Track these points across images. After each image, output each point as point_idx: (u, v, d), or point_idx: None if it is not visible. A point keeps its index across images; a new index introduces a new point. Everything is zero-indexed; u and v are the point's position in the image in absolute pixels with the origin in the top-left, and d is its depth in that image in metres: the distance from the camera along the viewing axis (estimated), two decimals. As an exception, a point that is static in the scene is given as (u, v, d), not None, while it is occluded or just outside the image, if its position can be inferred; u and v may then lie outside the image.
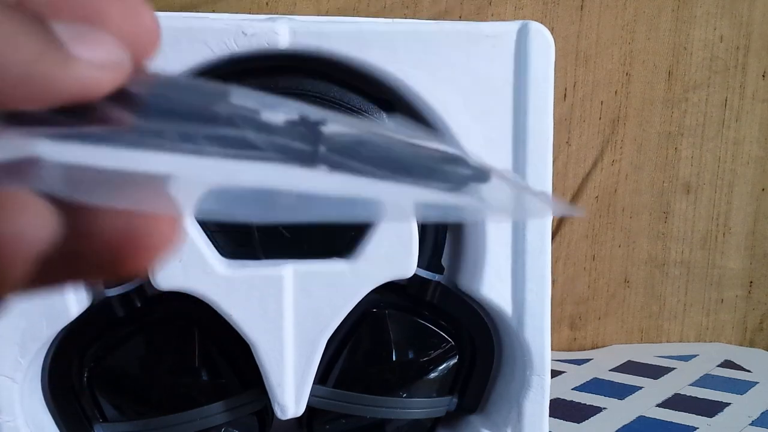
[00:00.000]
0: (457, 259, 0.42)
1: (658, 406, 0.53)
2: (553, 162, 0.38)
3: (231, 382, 0.39)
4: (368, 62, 0.36)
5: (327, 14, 0.61)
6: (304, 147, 0.14)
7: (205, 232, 0.37)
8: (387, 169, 0.15)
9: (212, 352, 0.39)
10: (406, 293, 0.40)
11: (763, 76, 0.67)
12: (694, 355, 0.65)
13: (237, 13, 0.38)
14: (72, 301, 0.36)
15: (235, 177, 0.14)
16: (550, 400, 0.40)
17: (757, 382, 0.58)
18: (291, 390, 0.37)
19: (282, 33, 0.35)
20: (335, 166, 0.15)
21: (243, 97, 0.15)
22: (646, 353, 0.66)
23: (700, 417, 0.51)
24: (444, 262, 0.41)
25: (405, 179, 0.15)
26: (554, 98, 0.38)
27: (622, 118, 0.66)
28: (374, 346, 0.40)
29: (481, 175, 0.15)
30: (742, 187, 0.68)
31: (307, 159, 0.14)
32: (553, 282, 0.39)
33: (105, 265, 0.14)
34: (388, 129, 0.15)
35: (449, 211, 0.15)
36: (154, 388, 0.38)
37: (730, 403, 0.54)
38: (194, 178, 0.14)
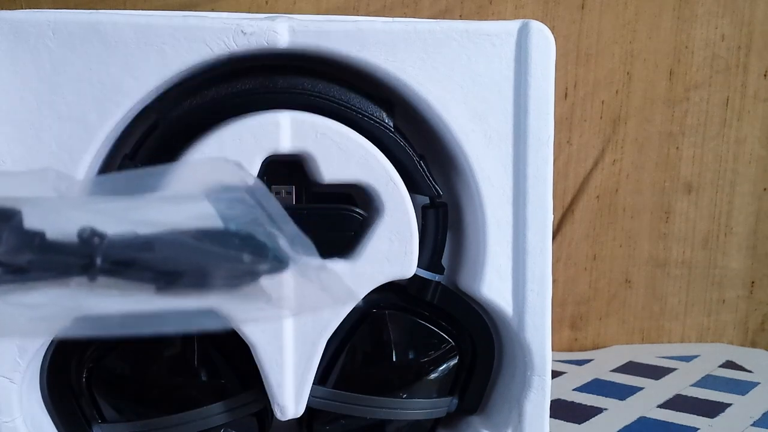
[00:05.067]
0: (457, 259, 0.41)
1: (660, 406, 0.53)
2: (554, 161, 0.38)
3: (230, 382, 0.39)
4: (368, 61, 0.36)
5: (327, 13, 0.60)
6: (81, 261, 0.14)
7: None
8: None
9: (211, 352, 0.38)
10: (406, 293, 0.40)
11: (765, 75, 0.67)
12: (696, 356, 0.65)
13: (236, 12, 0.38)
14: (70, 302, 0.36)
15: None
16: (551, 401, 0.40)
17: (758, 383, 0.58)
18: (290, 391, 0.37)
19: (281, 32, 0.35)
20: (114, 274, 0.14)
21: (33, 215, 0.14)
22: (647, 354, 0.66)
23: (701, 418, 0.51)
24: (444, 262, 0.41)
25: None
26: (555, 97, 0.38)
27: (623, 117, 0.66)
28: (374, 346, 0.40)
29: (278, 265, 0.16)
30: (744, 186, 0.68)
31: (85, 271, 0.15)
32: (554, 282, 0.39)
33: None
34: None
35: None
36: (153, 388, 0.38)
37: (731, 404, 0.53)
38: None
